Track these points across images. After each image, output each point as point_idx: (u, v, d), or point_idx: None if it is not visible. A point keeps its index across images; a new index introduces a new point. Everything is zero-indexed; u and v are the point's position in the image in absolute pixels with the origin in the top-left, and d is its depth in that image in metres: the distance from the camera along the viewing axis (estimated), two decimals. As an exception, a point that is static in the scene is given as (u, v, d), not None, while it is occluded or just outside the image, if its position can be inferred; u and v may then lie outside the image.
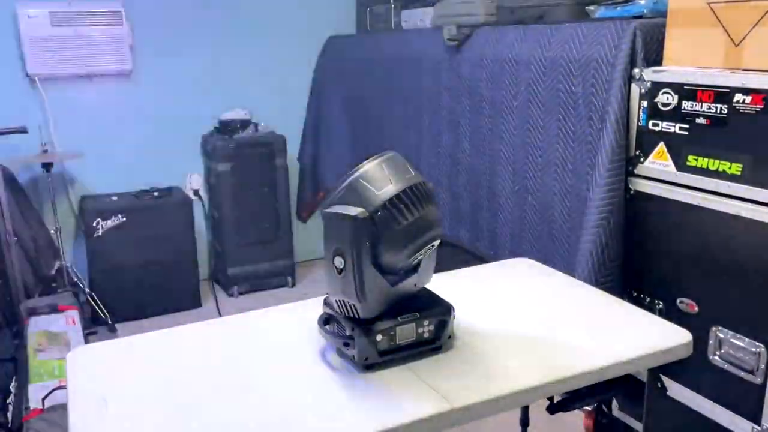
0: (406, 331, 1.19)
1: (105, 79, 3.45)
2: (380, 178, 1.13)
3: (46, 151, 3.16)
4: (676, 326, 1.32)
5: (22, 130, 3.16)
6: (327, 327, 1.25)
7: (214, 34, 3.67)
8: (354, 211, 1.10)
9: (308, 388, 1.13)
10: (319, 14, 3.90)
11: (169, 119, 3.65)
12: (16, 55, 3.24)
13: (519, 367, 1.18)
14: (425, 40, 2.82)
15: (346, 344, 1.18)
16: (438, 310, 1.23)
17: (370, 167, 1.15)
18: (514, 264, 1.73)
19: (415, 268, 1.20)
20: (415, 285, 1.22)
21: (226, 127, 3.62)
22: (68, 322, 2.76)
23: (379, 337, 1.17)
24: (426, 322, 1.21)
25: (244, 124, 3.63)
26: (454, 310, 1.25)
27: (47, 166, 3.12)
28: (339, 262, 1.14)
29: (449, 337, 1.25)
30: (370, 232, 1.11)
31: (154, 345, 1.31)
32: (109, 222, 3.26)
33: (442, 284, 1.38)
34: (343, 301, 1.17)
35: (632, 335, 1.29)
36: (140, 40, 3.48)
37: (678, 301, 1.76)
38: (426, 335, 1.22)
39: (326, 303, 1.27)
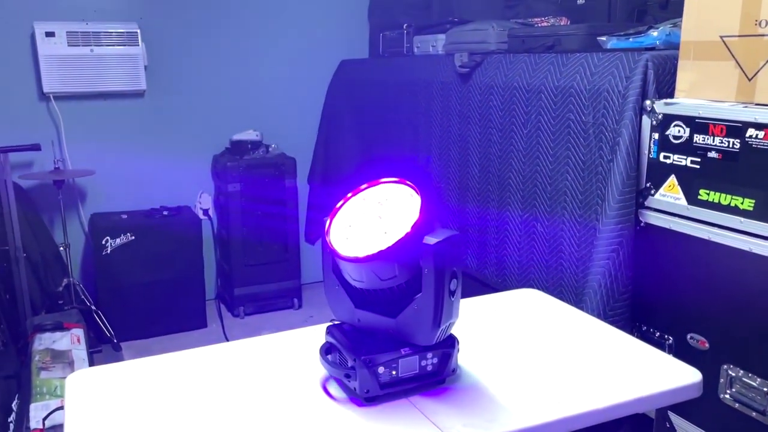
0: (408, 364, 1.17)
1: (119, 99, 3.49)
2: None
3: (58, 169, 3.18)
4: (686, 365, 1.29)
5: (36, 148, 3.19)
6: (329, 357, 1.23)
7: (228, 56, 3.71)
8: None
9: (308, 419, 1.11)
10: (333, 38, 3.93)
11: (182, 139, 3.68)
12: (33, 73, 3.29)
13: (523, 404, 1.16)
14: (436, 65, 2.83)
15: (348, 375, 1.16)
16: (442, 342, 1.21)
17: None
18: (521, 295, 1.70)
19: (392, 313, 1.16)
20: (392, 330, 1.17)
21: (237, 148, 3.64)
22: (73, 340, 2.75)
23: (381, 369, 1.15)
24: (429, 355, 1.19)
25: (255, 145, 3.65)
26: (458, 343, 1.23)
27: (59, 183, 3.15)
28: None
29: (453, 371, 1.23)
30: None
31: (155, 370, 1.30)
32: (117, 240, 3.27)
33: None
34: None
35: (640, 373, 1.26)
36: (154, 61, 3.52)
37: (688, 336, 1.73)
38: (429, 368, 1.20)
39: (329, 332, 1.25)
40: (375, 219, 1.15)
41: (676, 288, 1.75)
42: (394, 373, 1.16)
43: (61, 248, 3.25)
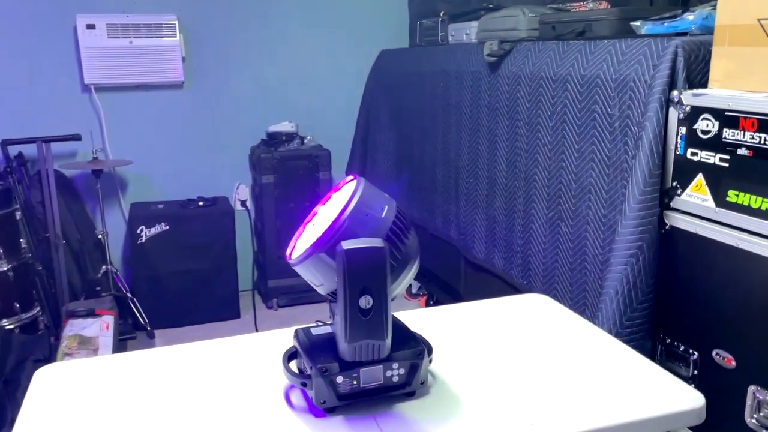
0: (371, 374, 1.09)
1: (158, 90, 3.53)
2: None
3: (96, 158, 3.26)
4: (689, 387, 1.15)
5: (76, 138, 3.28)
6: (291, 363, 1.17)
7: (265, 47, 3.69)
8: None
9: (259, 428, 1.05)
10: (373, 27, 3.85)
11: (220, 130, 3.70)
12: (75, 65, 3.37)
13: (500, 424, 1.05)
14: (468, 54, 2.71)
15: (304, 384, 1.09)
16: (410, 352, 1.12)
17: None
18: (526, 300, 1.58)
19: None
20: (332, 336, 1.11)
21: (272, 140, 3.62)
22: (102, 327, 2.81)
23: (339, 379, 1.07)
24: (395, 365, 1.10)
25: (290, 136, 3.62)
26: (430, 353, 1.14)
27: (97, 173, 3.22)
28: None
29: (422, 383, 1.14)
30: None
31: (124, 367, 1.27)
32: (152, 229, 3.32)
33: (439, 319, 1.27)
34: None
35: (638, 395, 1.13)
36: (192, 52, 3.55)
37: (714, 352, 1.57)
38: (395, 379, 1.11)
39: (295, 335, 1.19)
40: (325, 221, 1.08)
41: (702, 299, 1.59)
42: (355, 383, 1.09)
43: (99, 236, 3.33)
